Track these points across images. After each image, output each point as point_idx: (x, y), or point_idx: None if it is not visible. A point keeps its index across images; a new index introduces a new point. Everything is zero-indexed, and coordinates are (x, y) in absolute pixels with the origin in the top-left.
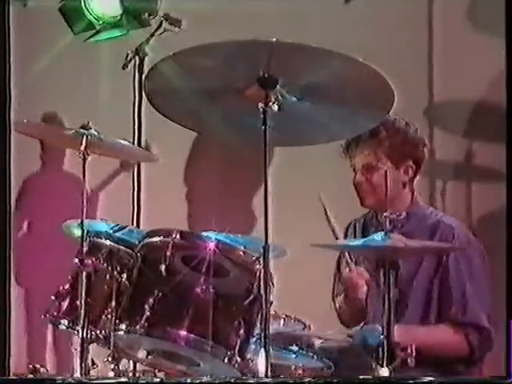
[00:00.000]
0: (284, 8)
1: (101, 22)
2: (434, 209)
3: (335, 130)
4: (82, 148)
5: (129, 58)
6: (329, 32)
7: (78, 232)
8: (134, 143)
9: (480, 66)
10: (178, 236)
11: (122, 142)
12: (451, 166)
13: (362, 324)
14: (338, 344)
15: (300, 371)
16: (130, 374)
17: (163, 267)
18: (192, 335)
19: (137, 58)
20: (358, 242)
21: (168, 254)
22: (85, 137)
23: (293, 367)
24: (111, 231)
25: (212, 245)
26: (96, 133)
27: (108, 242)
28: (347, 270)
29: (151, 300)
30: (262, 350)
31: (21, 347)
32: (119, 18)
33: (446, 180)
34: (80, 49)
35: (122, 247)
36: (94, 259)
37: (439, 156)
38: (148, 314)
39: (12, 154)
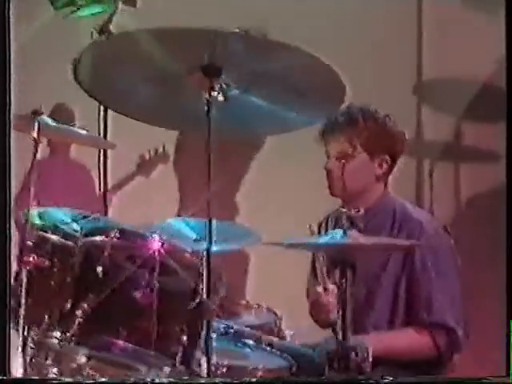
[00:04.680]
0: None
1: None
2: (405, 202)
3: (287, 121)
4: (34, 134)
5: (94, 37)
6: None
7: (37, 221)
8: (99, 129)
9: (470, 44)
10: (117, 235)
11: (77, 129)
12: (439, 146)
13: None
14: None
15: (260, 373)
16: None
17: (100, 269)
18: (129, 344)
19: (103, 37)
20: (309, 240)
21: (105, 254)
22: (36, 122)
23: (250, 367)
24: (70, 220)
25: (156, 245)
26: (49, 119)
27: (54, 237)
28: (317, 287)
29: (85, 305)
30: (204, 358)
31: None
32: None
33: (433, 160)
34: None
35: (70, 243)
36: (35, 256)
37: (427, 136)
38: (81, 320)
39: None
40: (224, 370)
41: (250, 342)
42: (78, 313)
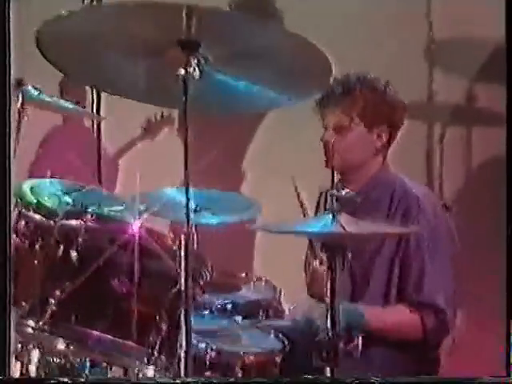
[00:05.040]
0: None
1: None
2: (405, 177)
3: (271, 98)
4: (19, 105)
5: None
6: None
7: (28, 194)
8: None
9: (483, 3)
10: (92, 219)
11: (63, 101)
12: (451, 110)
13: None
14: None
15: (252, 357)
16: None
17: (74, 254)
18: (103, 335)
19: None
20: (299, 227)
21: (80, 239)
22: (21, 93)
23: (241, 352)
24: (61, 193)
25: (135, 229)
26: (33, 89)
27: (37, 216)
28: (313, 260)
29: (58, 292)
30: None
31: None
32: None
33: (445, 124)
34: None
35: (51, 223)
36: (15, 236)
37: (438, 98)
38: (54, 308)
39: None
40: (213, 354)
41: (245, 320)
42: (51, 300)
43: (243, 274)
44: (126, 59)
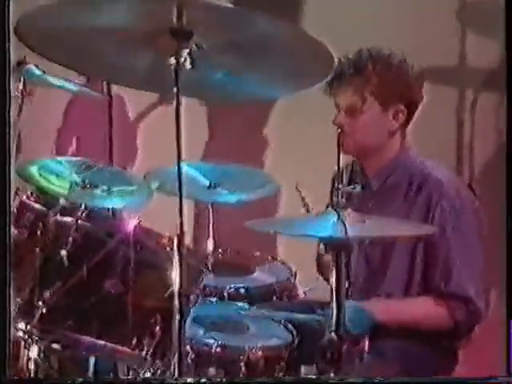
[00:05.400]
0: None
1: None
2: (426, 159)
3: (270, 90)
4: (21, 86)
5: None
6: None
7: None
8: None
9: None
10: (83, 216)
11: (66, 81)
12: (484, 74)
13: None
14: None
15: (260, 352)
16: None
17: (64, 253)
18: (96, 341)
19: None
20: (296, 230)
21: (70, 238)
22: (22, 74)
23: (247, 347)
24: (69, 172)
25: (130, 227)
26: (35, 69)
27: (37, 206)
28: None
29: (47, 294)
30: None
31: None
32: None
33: (477, 90)
34: None
35: (51, 214)
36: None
37: (471, 62)
38: (43, 311)
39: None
40: (218, 349)
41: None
42: (40, 303)
43: (257, 253)
44: (119, 49)
